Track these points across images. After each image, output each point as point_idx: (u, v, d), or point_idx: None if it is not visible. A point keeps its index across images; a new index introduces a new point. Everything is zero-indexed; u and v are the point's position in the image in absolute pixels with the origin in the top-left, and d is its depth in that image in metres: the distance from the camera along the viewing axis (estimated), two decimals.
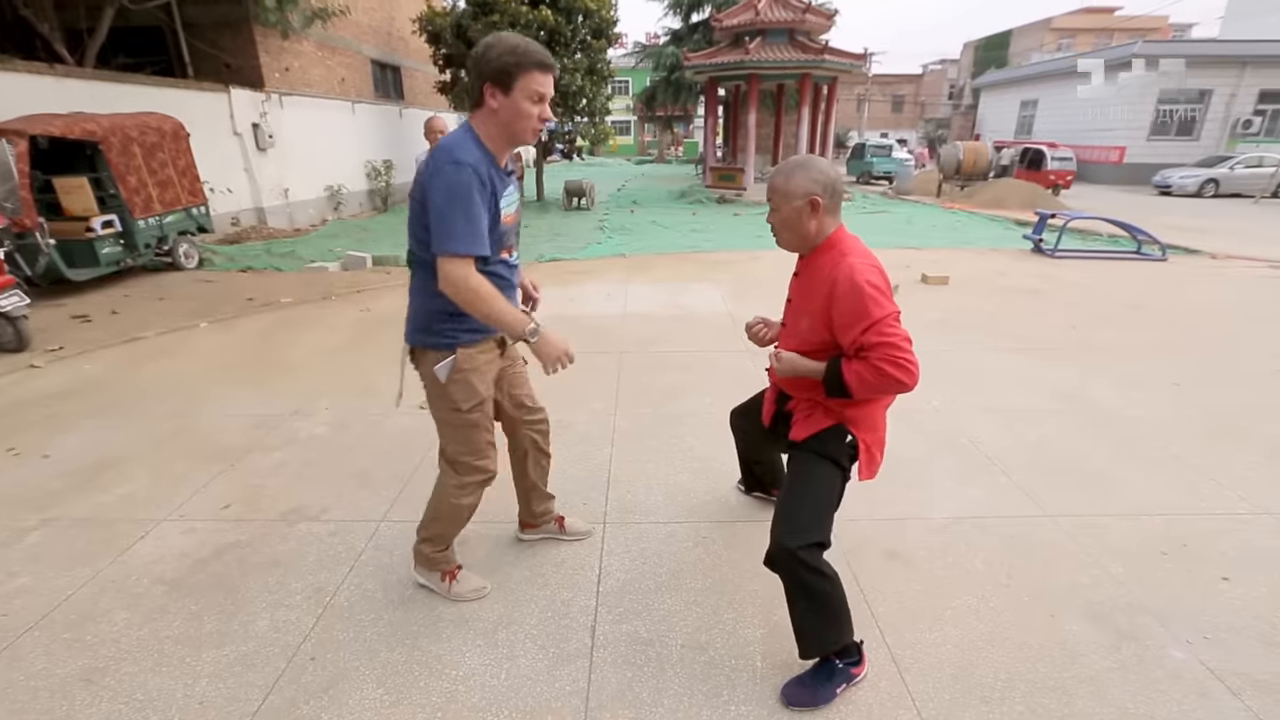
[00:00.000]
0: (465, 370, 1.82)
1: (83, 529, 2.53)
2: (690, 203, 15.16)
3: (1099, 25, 33.65)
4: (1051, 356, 4.47)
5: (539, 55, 1.61)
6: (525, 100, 1.62)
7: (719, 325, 5.22)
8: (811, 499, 1.71)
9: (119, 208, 6.61)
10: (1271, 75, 20.23)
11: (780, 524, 1.69)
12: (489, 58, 1.59)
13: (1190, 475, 2.88)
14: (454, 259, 1.60)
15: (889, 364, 1.53)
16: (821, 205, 1.65)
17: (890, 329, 1.56)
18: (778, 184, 1.70)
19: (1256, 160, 17.67)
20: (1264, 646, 1.90)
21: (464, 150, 1.62)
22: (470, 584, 2.16)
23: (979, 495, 2.72)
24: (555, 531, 2.44)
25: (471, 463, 1.94)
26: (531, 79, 1.60)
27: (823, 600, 1.66)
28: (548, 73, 1.64)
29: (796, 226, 1.69)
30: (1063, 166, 17.63)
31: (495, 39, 1.61)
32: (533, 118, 1.65)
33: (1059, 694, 1.74)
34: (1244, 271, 7.57)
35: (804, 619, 1.69)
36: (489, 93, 1.62)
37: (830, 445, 1.76)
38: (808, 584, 1.64)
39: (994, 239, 10.06)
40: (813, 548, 1.64)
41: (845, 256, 1.65)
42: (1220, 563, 2.27)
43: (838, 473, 1.76)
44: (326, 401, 3.71)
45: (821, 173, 1.67)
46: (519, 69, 1.59)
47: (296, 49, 11.36)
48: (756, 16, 14.65)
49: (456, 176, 1.58)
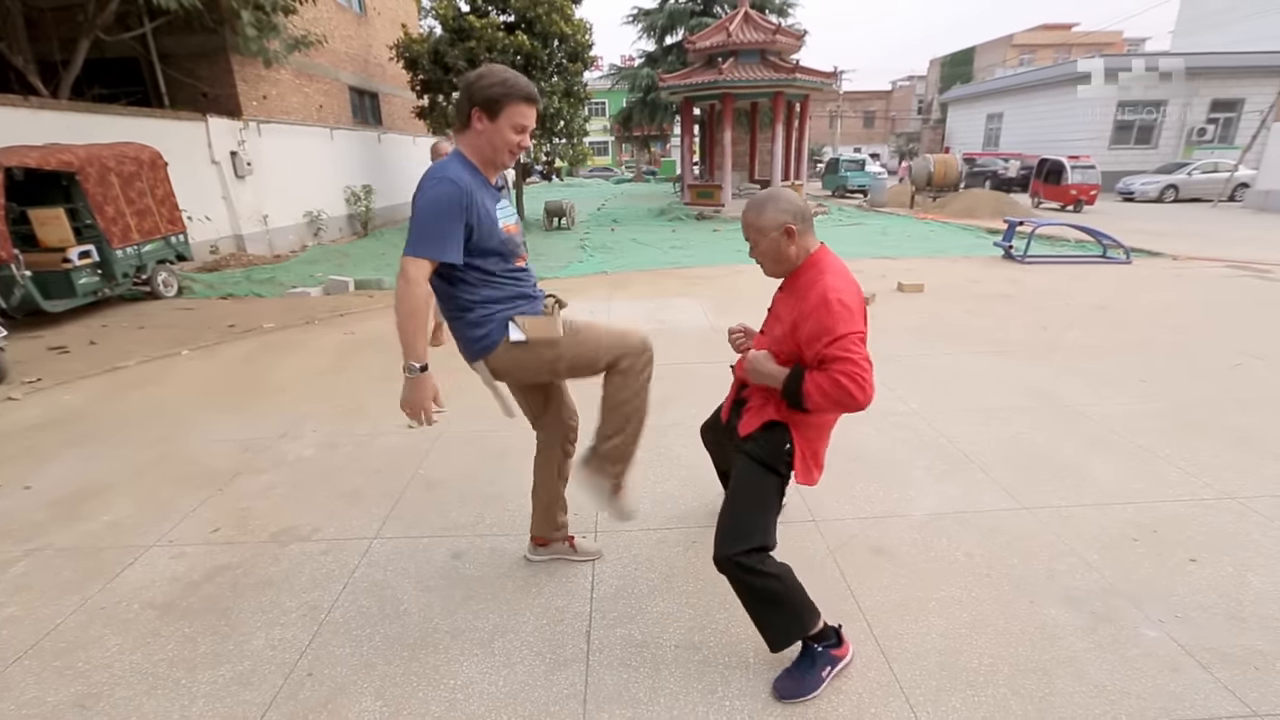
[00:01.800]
0: (527, 325, 1.87)
1: (69, 558, 2.50)
2: (669, 220, 15.37)
3: (1057, 41, 34.97)
4: (1024, 357, 4.61)
5: (527, 89, 1.74)
6: (508, 128, 1.74)
7: (702, 338, 5.30)
8: (747, 506, 1.77)
9: (96, 238, 6.57)
10: (1221, 86, 21.16)
11: (720, 533, 1.74)
12: (480, 85, 1.71)
13: (1158, 465, 2.99)
14: (414, 260, 1.68)
15: (846, 378, 1.59)
16: (796, 231, 1.74)
17: (854, 347, 1.62)
18: (751, 220, 1.78)
19: (1212, 166, 18.41)
20: (1231, 622, 1.99)
21: (451, 169, 1.73)
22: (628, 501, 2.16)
23: (958, 491, 2.81)
24: (565, 551, 2.40)
25: (616, 351, 1.96)
26: (517, 110, 1.73)
27: (771, 597, 1.72)
28: (532, 105, 1.76)
29: (777, 255, 1.78)
30: (1086, 180, 15.94)
31: (489, 69, 1.74)
32: (512, 144, 1.77)
33: (1040, 675, 1.81)
34: (1204, 272, 7.86)
35: (762, 616, 1.76)
36: (476, 116, 1.74)
37: (768, 450, 1.80)
38: (753, 586, 1.70)
39: (966, 247, 10.34)
40: (752, 552, 1.69)
41: (824, 275, 1.73)
42: (1188, 546, 2.37)
43: (775, 479, 1.81)
44: (313, 424, 3.72)
45: (789, 202, 1.76)
46: (507, 99, 1.71)
47: (274, 77, 11.41)
48: (729, 38, 15.04)
49: (439, 190, 1.69)
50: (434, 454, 3.31)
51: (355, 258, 10.96)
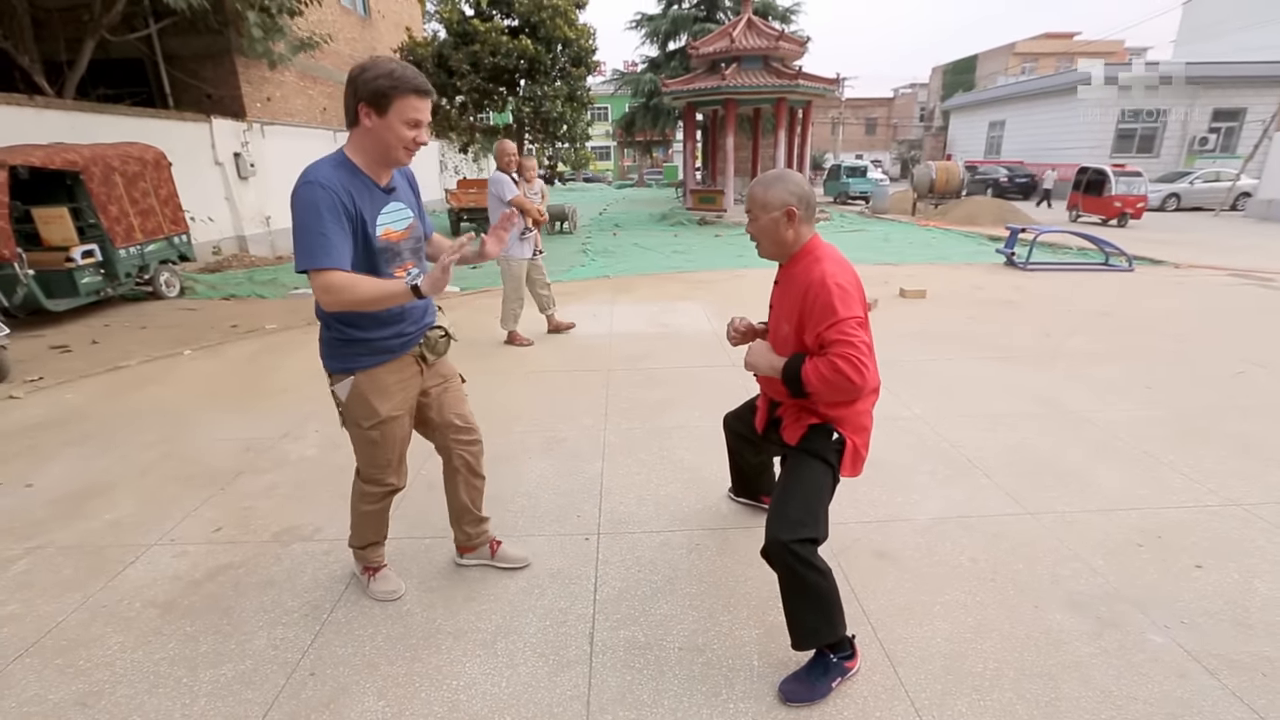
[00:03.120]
0: (365, 391, 1.88)
1: (70, 556, 2.50)
2: (671, 225, 15.39)
3: (1059, 49, 35.06)
4: (1027, 364, 4.61)
5: (416, 81, 1.64)
6: (400, 124, 1.65)
7: (704, 342, 5.30)
8: (802, 495, 1.77)
9: (100, 237, 6.58)
10: (1223, 96, 21.21)
11: (774, 519, 1.74)
12: (365, 79, 1.61)
13: (1162, 472, 2.99)
14: (315, 273, 1.60)
15: (844, 361, 1.61)
16: (797, 215, 1.76)
17: (852, 330, 1.64)
18: (756, 194, 1.80)
19: (1214, 175, 18.43)
20: (1237, 629, 1.98)
21: (316, 170, 1.65)
22: (386, 584, 2.23)
23: (962, 496, 2.80)
24: (488, 557, 2.36)
25: (372, 474, 2.04)
26: (407, 104, 1.63)
27: (814, 593, 1.71)
28: (424, 98, 1.67)
29: (774, 235, 1.79)
30: (1131, 190, 14.17)
31: (372, 61, 1.64)
32: (407, 140, 1.67)
33: (1046, 680, 1.80)
34: (1206, 280, 7.86)
35: (797, 611, 1.74)
36: (364, 112, 1.64)
37: (818, 443, 1.83)
38: (800, 576, 1.69)
39: (968, 254, 10.35)
40: (805, 542, 1.70)
41: (820, 262, 1.75)
42: (1193, 552, 2.36)
43: (827, 469, 1.82)
44: (316, 424, 3.71)
45: (797, 185, 1.78)
46: (395, 92, 1.61)
47: (278, 79, 11.46)
48: (732, 44, 15.09)
49: (301, 194, 1.61)
50: (435, 456, 3.26)
51: None
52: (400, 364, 1.92)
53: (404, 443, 2.05)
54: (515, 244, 5.05)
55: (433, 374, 2.05)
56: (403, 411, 1.97)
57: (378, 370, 1.88)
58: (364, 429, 1.93)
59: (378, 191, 1.75)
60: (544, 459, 3.21)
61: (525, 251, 5.14)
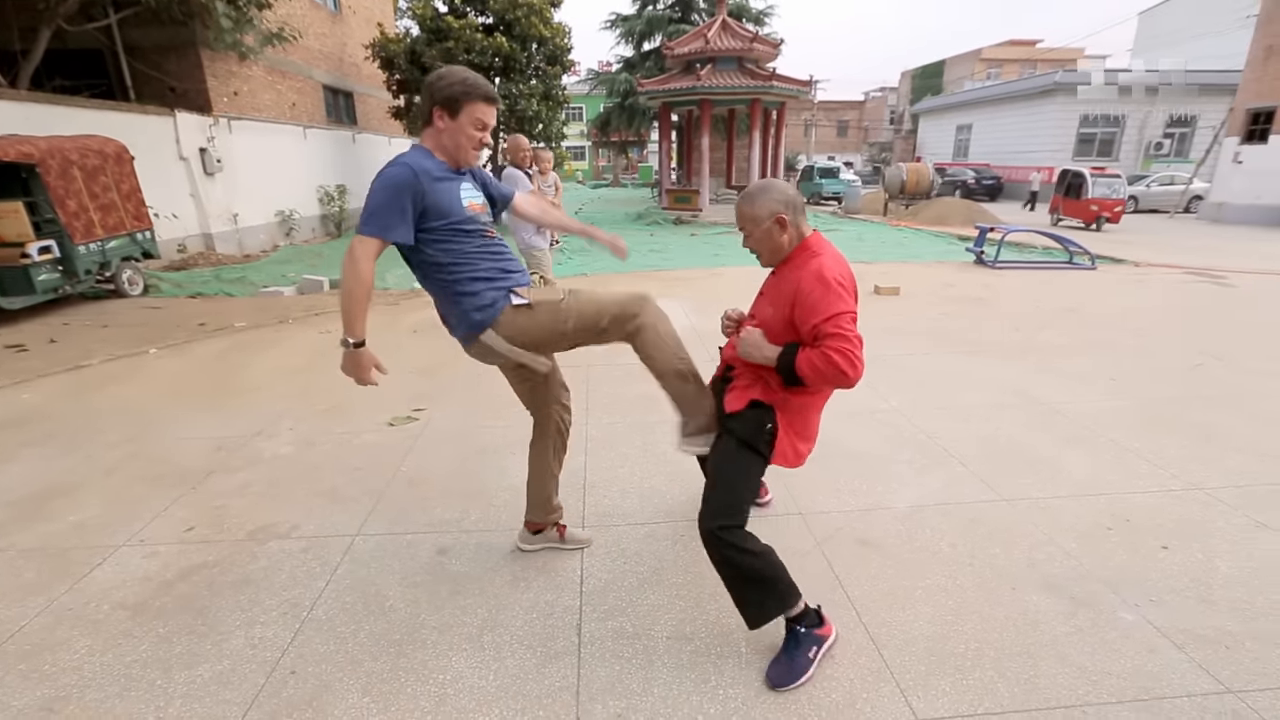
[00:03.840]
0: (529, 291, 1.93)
1: (32, 559, 2.40)
2: (648, 224, 15.42)
3: (1023, 56, 36.05)
4: (998, 357, 4.73)
5: (486, 89, 1.81)
6: (469, 126, 1.81)
7: (683, 338, 5.29)
8: (728, 483, 1.79)
9: (57, 233, 6.34)
10: (1177, 103, 22.05)
11: (703, 510, 1.76)
12: (441, 85, 1.78)
13: (1128, 459, 3.09)
14: (361, 239, 1.74)
15: (838, 355, 1.63)
16: (788, 220, 1.78)
17: (847, 325, 1.67)
18: (744, 211, 1.81)
19: (1169, 179, 19.16)
20: (1202, 605, 2.06)
21: (409, 155, 1.80)
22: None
23: (939, 485, 2.86)
24: (556, 540, 2.40)
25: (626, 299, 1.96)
26: (477, 108, 1.80)
27: (750, 573, 1.73)
28: (492, 105, 1.84)
29: (770, 244, 1.81)
30: (1109, 194, 13.60)
31: (449, 70, 1.82)
32: (475, 140, 1.84)
33: (1025, 658, 1.85)
34: (1164, 278, 8.17)
35: (739, 592, 1.77)
36: (438, 115, 1.81)
37: (750, 430, 1.82)
38: (732, 560, 1.72)
39: (939, 253, 10.58)
40: (732, 528, 1.72)
41: (817, 255, 1.78)
42: (1159, 534, 2.45)
43: (757, 459, 1.82)
44: (290, 422, 3.63)
45: (781, 191, 1.80)
46: (467, 98, 1.78)
47: (245, 73, 11.17)
48: (706, 45, 15.19)
49: (390, 171, 1.75)
50: (415, 452, 3.26)
51: (329, 258, 10.75)
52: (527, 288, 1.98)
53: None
54: (533, 235, 5.19)
55: None
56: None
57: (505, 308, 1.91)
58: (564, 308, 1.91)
59: (453, 173, 1.89)
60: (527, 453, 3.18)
61: (543, 242, 5.26)
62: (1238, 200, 15.76)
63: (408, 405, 3.78)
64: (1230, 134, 16.35)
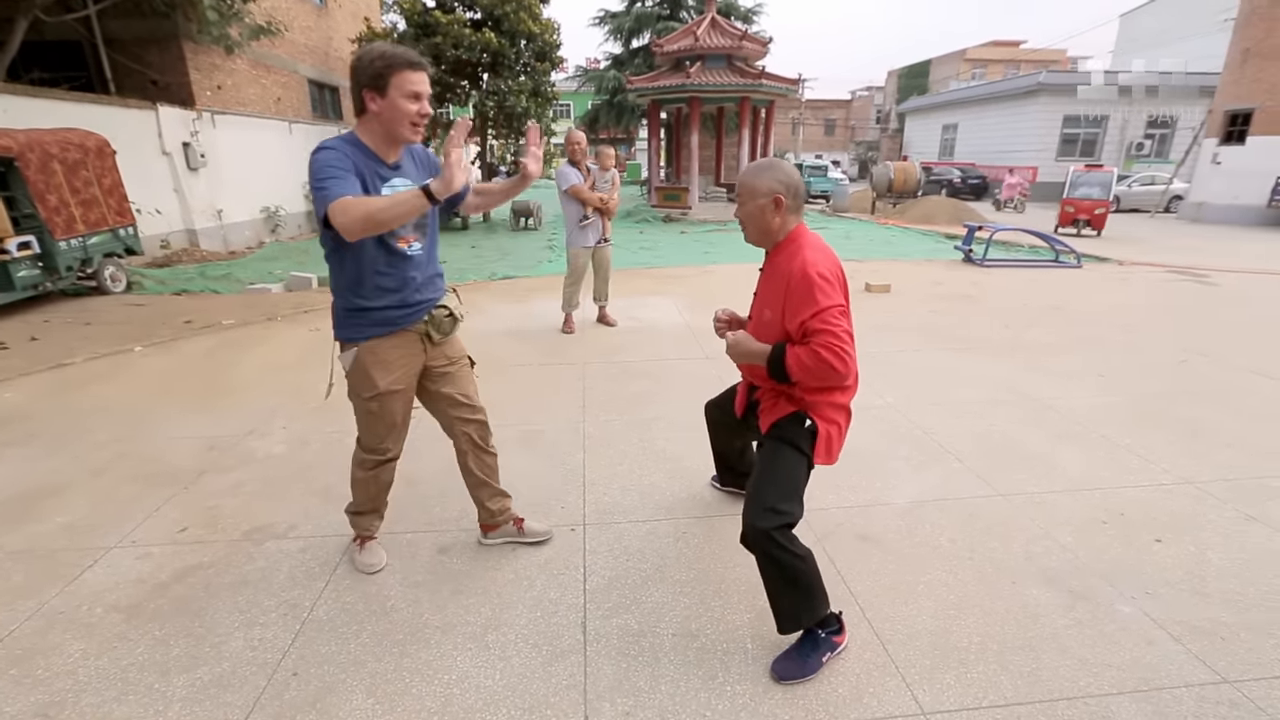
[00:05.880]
0: (366, 363, 1.93)
1: (20, 561, 2.34)
2: (637, 222, 15.39)
3: (1007, 57, 36.43)
4: (989, 354, 4.78)
5: (408, 55, 1.71)
6: (401, 98, 1.71)
7: (677, 335, 5.32)
8: (777, 481, 1.79)
9: (37, 228, 6.20)
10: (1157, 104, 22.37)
11: (751, 506, 1.76)
12: (363, 66, 1.70)
13: (1120, 454, 3.14)
14: (333, 209, 1.60)
15: (827, 350, 1.64)
16: (784, 204, 1.78)
17: (834, 320, 1.67)
18: (746, 180, 1.81)
19: (1150, 179, 19.46)
20: (1196, 597, 2.10)
21: (325, 140, 1.76)
22: (370, 556, 2.28)
23: (936, 480, 2.89)
24: (514, 534, 2.40)
25: (368, 443, 2.10)
26: (404, 78, 1.70)
27: (793, 577, 1.73)
28: (419, 70, 1.73)
29: (760, 221, 1.81)
30: (1088, 195, 12.09)
31: (367, 49, 1.73)
32: (411, 114, 1.74)
33: (1027, 651, 1.87)
34: (1147, 276, 8.30)
35: (779, 596, 1.77)
36: (369, 98, 1.72)
37: (790, 430, 1.85)
38: (780, 561, 1.71)
39: (927, 251, 10.67)
40: (783, 528, 1.72)
41: (802, 250, 1.78)
42: (1153, 527, 2.49)
43: (801, 457, 1.84)
44: (283, 420, 3.58)
45: (787, 174, 1.80)
46: (390, 70, 1.69)
47: (229, 67, 10.98)
48: (696, 42, 15.17)
49: (314, 159, 1.69)
50: (410, 451, 3.17)
51: (316, 255, 10.60)
52: (403, 338, 1.97)
53: (403, 416, 2.10)
54: (576, 233, 5.17)
55: (438, 353, 2.08)
56: (403, 386, 2.01)
57: (379, 342, 1.93)
58: (364, 399, 1.99)
59: (383, 167, 1.82)
60: (524, 452, 3.17)
61: (587, 240, 5.22)
62: (1217, 200, 16.05)
63: None
64: (1209, 135, 16.64)
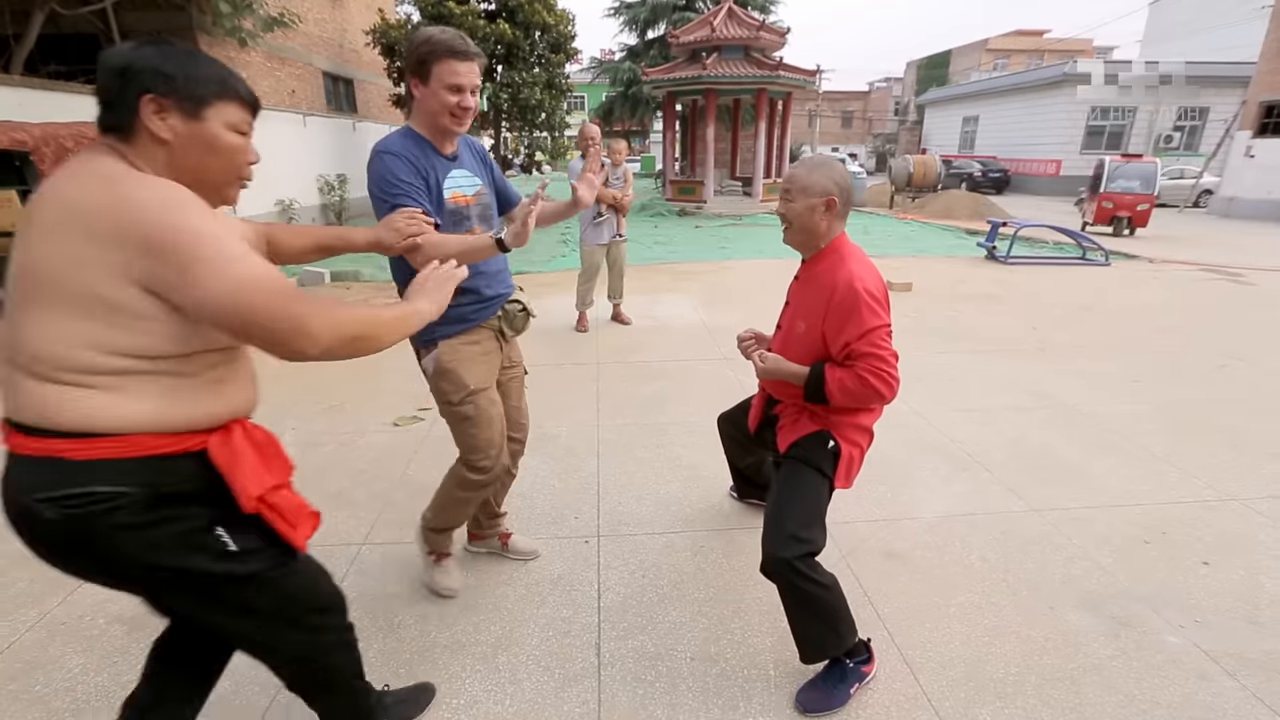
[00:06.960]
0: (449, 362, 1.82)
1: (21, 568, 2.29)
2: (651, 216, 15.24)
3: (1030, 47, 35.63)
4: (1016, 357, 4.62)
5: (451, 43, 1.58)
6: (441, 89, 1.61)
7: (694, 335, 5.21)
8: (798, 507, 1.69)
9: None
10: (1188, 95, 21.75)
11: (771, 535, 1.66)
12: (410, 51, 1.62)
13: (1158, 466, 2.99)
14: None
15: (873, 375, 1.56)
16: (836, 207, 1.67)
17: (882, 342, 1.59)
18: (799, 176, 1.69)
19: (1178, 173, 18.93)
20: (1250, 627, 1.96)
21: (384, 141, 1.67)
22: (448, 579, 2.12)
23: (965, 493, 2.76)
24: (499, 548, 2.33)
25: (473, 459, 1.89)
26: (446, 68, 1.59)
27: (819, 607, 1.64)
28: (464, 60, 1.61)
29: (808, 222, 1.69)
30: (1128, 189, 10.92)
31: (420, 31, 1.62)
32: (450, 105, 1.63)
33: (1068, 684, 1.75)
34: (1179, 275, 8.03)
35: (803, 626, 1.68)
36: (414, 84, 1.65)
37: (813, 452, 1.75)
38: (804, 592, 1.62)
39: (948, 247, 10.43)
40: (806, 556, 1.62)
41: (845, 261, 1.67)
42: (1198, 549, 2.35)
43: (823, 480, 1.74)
44: (293, 421, 3.53)
45: (842, 175, 1.69)
46: (432, 57, 1.59)
47: (244, 59, 10.97)
48: (712, 33, 14.93)
49: (374, 166, 1.63)
50: (420, 454, 3.16)
51: None
52: (479, 334, 1.87)
53: (501, 420, 1.92)
54: (591, 230, 5.13)
55: (506, 355, 2.00)
56: (489, 384, 1.89)
57: (457, 340, 1.82)
58: (455, 405, 1.84)
59: (441, 159, 1.73)
60: (538, 457, 3.09)
61: (601, 237, 5.17)
62: (1249, 195, 15.57)
63: (412, 405, 3.67)
64: (1243, 127, 16.13)
